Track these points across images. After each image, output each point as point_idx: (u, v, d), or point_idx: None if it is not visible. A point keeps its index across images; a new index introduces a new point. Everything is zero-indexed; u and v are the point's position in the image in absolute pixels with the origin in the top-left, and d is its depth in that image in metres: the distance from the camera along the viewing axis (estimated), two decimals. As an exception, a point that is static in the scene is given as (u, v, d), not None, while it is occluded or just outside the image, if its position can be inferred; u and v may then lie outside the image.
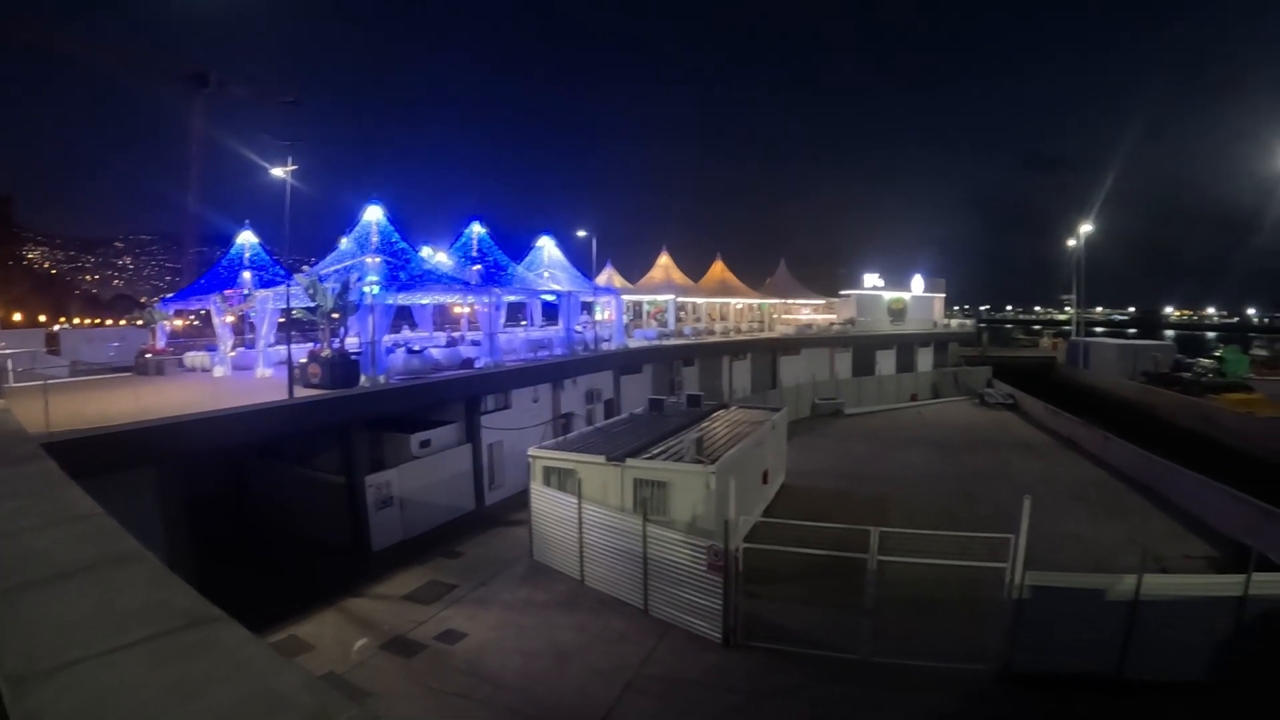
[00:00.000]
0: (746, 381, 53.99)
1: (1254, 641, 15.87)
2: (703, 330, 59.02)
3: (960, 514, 28.09)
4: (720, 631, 17.64)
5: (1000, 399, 63.46)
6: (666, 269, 60.85)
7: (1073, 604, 16.12)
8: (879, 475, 35.76)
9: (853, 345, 65.45)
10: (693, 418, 30.36)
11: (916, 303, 76.61)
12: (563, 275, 40.61)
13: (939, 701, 15.30)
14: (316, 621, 18.85)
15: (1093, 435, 43.80)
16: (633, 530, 19.73)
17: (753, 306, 69.17)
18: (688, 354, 48.79)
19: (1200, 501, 29.54)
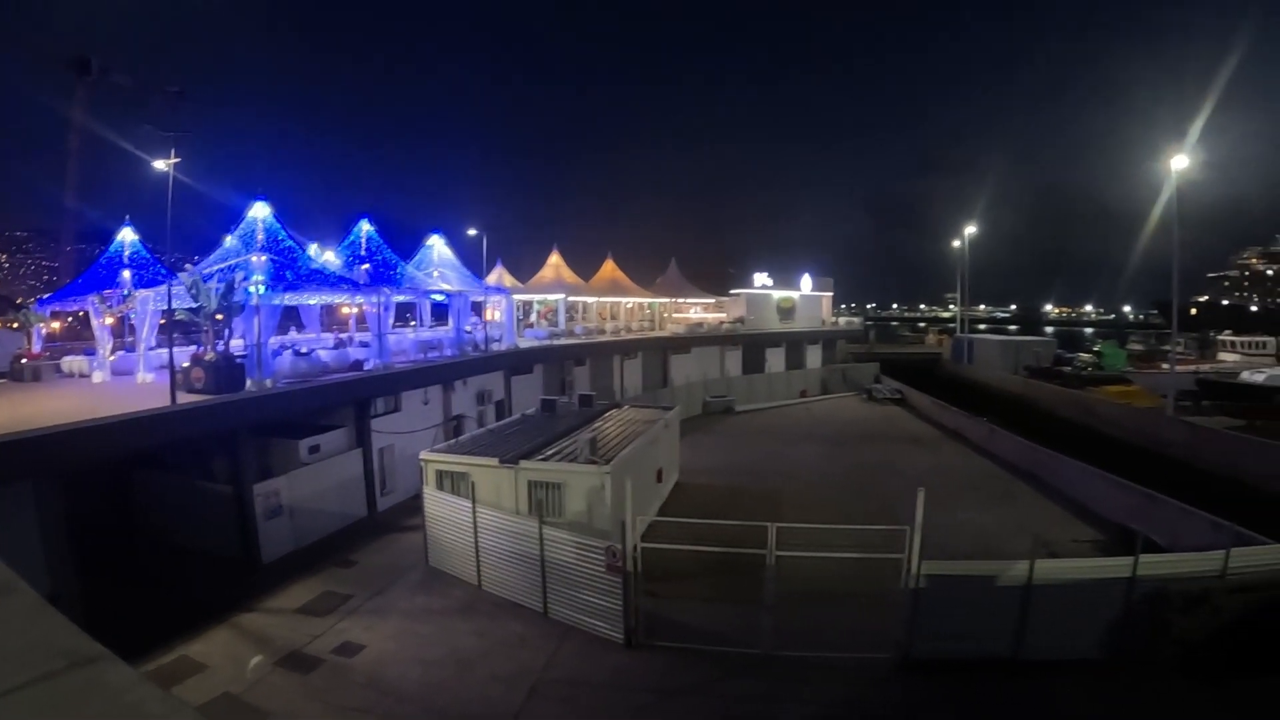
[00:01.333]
0: (638, 380, 54.53)
1: (1144, 620, 17.06)
2: (594, 330, 59.25)
3: (854, 507, 28.97)
4: (622, 632, 17.82)
5: (888, 394, 65.76)
6: (557, 268, 60.98)
7: (968, 591, 16.96)
8: (772, 471, 36.69)
9: (743, 343, 66.56)
10: (585, 418, 30.77)
11: (805, 301, 78.23)
12: (453, 275, 40.38)
13: (842, 691, 15.89)
14: (208, 640, 18.23)
15: (979, 427, 45.92)
16: (529, 533, 19.74)
17: (644, 305, 69.84)
18: (579, 354, 49.04)
19: (1084, 488, 31.41)
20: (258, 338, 25.36)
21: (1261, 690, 15.93)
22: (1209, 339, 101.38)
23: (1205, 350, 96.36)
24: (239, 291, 25.37)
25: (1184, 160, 45.27)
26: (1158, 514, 25.11)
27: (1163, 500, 25.56)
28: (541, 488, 22.57)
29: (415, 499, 25.32)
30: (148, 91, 39.85)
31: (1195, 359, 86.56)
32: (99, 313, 29.49)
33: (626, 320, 67.25)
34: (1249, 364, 75.69)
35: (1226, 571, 17.47)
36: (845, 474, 36.66)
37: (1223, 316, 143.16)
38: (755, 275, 75.81)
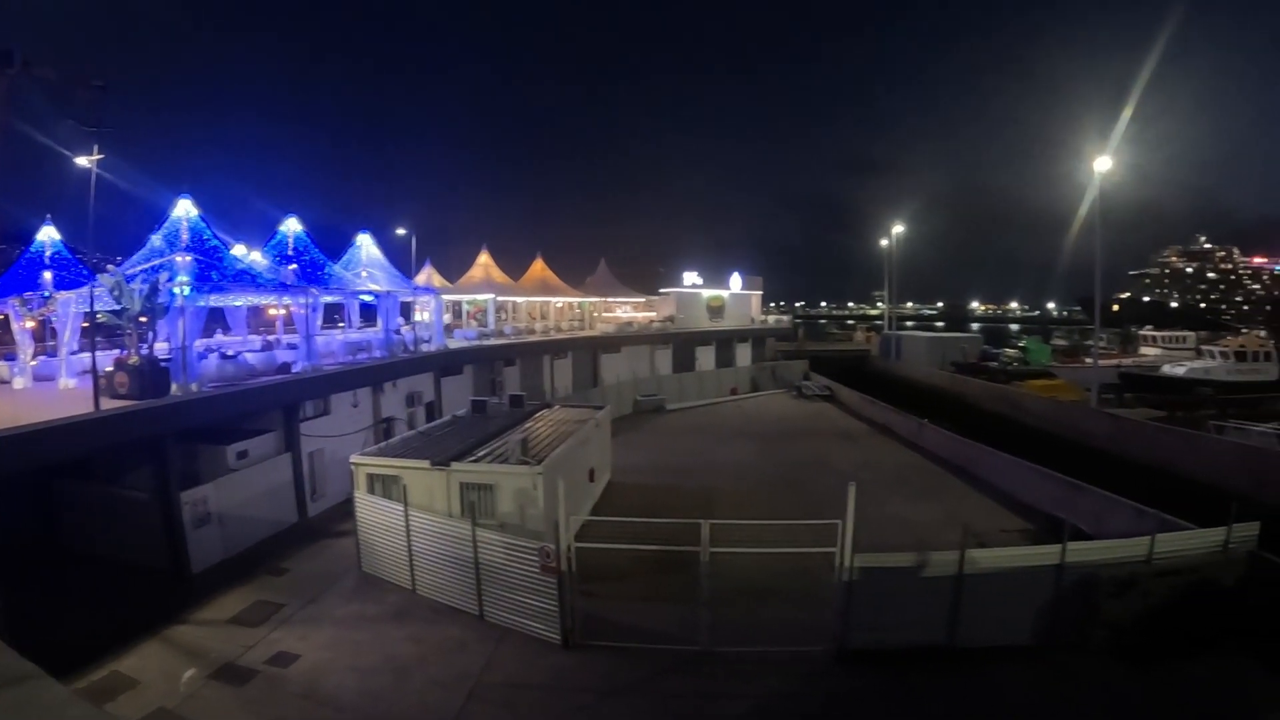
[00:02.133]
0: (568, 380, 54.71)
1: (1074, 605, 17.85)
2: (523, 330, 59.41)
3: (786, 503, 29.48)
4: (559, 633, 17.91)
5: (817, 391, 66.85)
6: (486, 268, 60.83)
7: (901, 581, 17.50)
8: (704, 468, 37.23)
9: (673, 342, 67.13)
10: (516, 418, 30.85)
11: (735, 300, 79.10)
12: (381, 275, 40.08)
13: (780, 684, 16.25)
14: (139, 654, 17.71)
15: (907, 422, 47.13)
16: (462, 535, 19.72)
17: (573, 305, 69.97)
18: (509, 354, 49.09)
19: (1012, 480, 32.49)
20: (183, 340, 25.00)
21: (1190, 670, 16.76)
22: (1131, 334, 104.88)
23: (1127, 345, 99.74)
24: (163, 293, 24.92)
25: (1107, 162, 46.98)
26: (1084, 503, 26.19)
27: (1088, 490, 26.64)
28: (473, 489, 22.53)
29: (346, 503, 25.08)
30: (72, 85, 38.34)
31: (1118, 353, 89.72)
32: (19, 316, 28.66)
33: (556, 320, 67.34)
34: (1169, 358, 78.90)
35: (1152, 556, 18.39)
36: (777, 470, 37.29)
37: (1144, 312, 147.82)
38: (685, 274, 76.43)
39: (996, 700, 15.89)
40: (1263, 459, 34.52)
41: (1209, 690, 16.12)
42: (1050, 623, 17.95)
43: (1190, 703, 15.73)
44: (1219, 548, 18.93)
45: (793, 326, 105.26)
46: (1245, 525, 19.17)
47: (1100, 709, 15.55)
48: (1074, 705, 15.72)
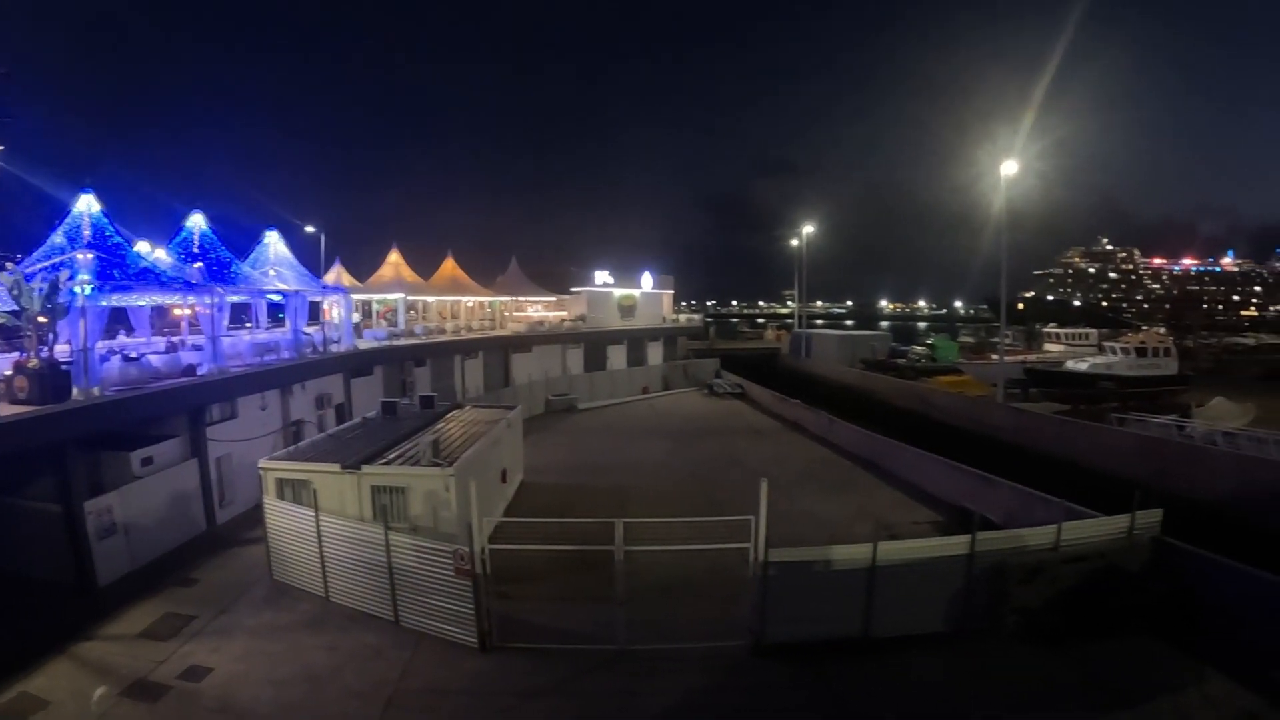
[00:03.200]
0: (479, 380, 54.68)
1: (985, 592, 18.57)
2: (434, 329, 58.89)
3: (699, 500, 30.04)
4: (476, 636, 17.85)
5: (729, 389, 68.02)
6: (396, 266, 60.28)
7: (815, 575, 17.89)
8: (617, 467, 37.65)
9: (584, 341, 67.62)
10: (427, 419, 30.81)
11: (646, 299, 79.91)
12: (290, 273, 39.33)
13: (698, 679, 16.50)
14: (48, 673, 17.04)
15: (818, 418, 48.30)
16: (374, 540, 19.44)
17: (484, 304, 69.67)
18: (419, 354, 48.79)
19: (922, 473, 33.49)
20: (84, 342, 24.26)
21: (1097, 651, 17.61)
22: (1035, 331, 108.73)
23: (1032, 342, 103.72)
24: (64, 292, 24.11)
25: (1013, 166, 48.52)
26: (992, 494, 27.06)
27: (996, 481, 27.60)
28: (385, 493, 22.31)
29: (255, 510, 24.78)
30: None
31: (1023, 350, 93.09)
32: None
33: (467, 319, 67.03)
34: (1073, 354, 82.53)
35: (1060, 544, 19.24)
36: (689, 468, 37.87)
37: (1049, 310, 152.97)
38: (596, 273, 76.87)
39: (911, 685, 16.44)
40: (1163, 449, 36.31)
41: (1117, 668, 16.95)
42: (962, 610, 18.60)
43: (1099, 681, 16.50)
44: (1124, 534, 19.88)
45: (704, 325, 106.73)
46: (1148, 512, 20.15)
47: (1012, 690, 16.22)
48: (986, 687, 16.37)
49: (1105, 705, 15.59)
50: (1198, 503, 29.78)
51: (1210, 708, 15.36)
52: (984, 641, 18.15)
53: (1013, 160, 48.67)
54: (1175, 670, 16.87)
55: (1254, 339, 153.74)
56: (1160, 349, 72.68)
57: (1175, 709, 15.34)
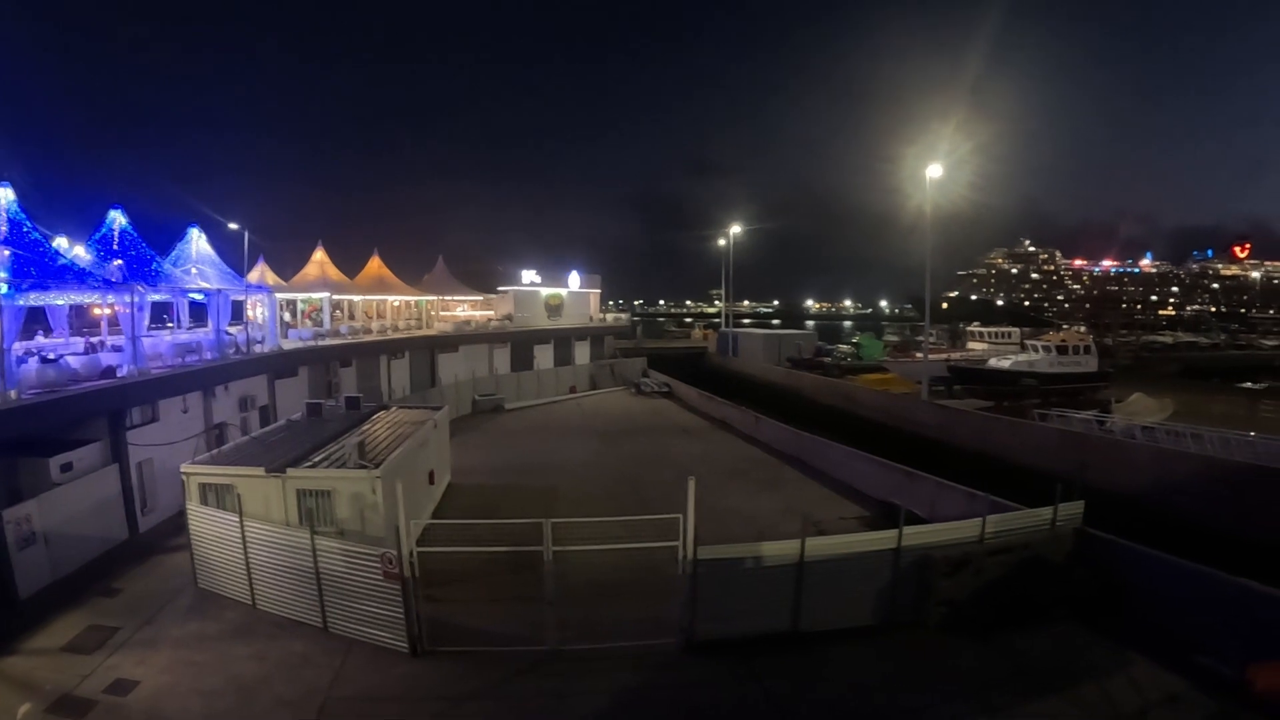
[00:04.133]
0: (405, 381, 54.37)
1: (912, 585, 19.08)
2: (360, 329, 58.40)
3: (628, 498, 30.40)
4: (406, 641, 17.72)
5: (656, 388, 68.51)
6: (322, 265, 59.51)
7: (745, 572, 18.16)
8: (545, 467, 37.72)
9: (511, 341, 67.62)
10: (353, 421, 30.47)
11: (573, 298, 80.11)
12: (212, 272, 38.54)
13: (630, 678, 16.61)
14: None
15: (745, 416, 49.05)
16: (301, 545, 19.11)
17: (410, 304, 69.14)
18: (345, 354, 48.40)
19: (848, 470, 34.11)
20: (0, 343, 23.79)
21: (1023, 640, 18.24)
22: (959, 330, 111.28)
23: (956, 340, 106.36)
24: (-23, 292, 23.60)
25: (938, 168, 49.78)
26: (917, 489, 27.80)
27: (921, 476, 28.38)
28: (311, 496, 21.97)
29: (179, 516, 24.22)
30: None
31: (947, 348, 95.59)
32: None
33: (393, 319, 66.41)
34: (996, 351, 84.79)
35: (984, 537, 19.77)
36: (617, 467, 38.21)
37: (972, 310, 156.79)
38: (523, 272, 76.85)
39: (842, 679, 16.80)
40: (1084, 443, 37.62)
41: (1043, 656, 17.59)
42: (890, 603, 19.06)
43: (1026, 668, 17.12)
44: (1047, 526, 20.61)
45: (631, 324, 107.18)
46: (1070, 504, 20.92)
47: (941, 680, 16.68)
48: (916, 678, 16.82)
49: (1033, 692, 16.11)
50: (1118, 494, 30.92)
51: (1135, 691, 15.94)
52: (912, 634, 18.65)
53: (937, 163, 49.97)
54: (1100, 656, 17.51)
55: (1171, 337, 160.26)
56: (1081, 347, 74.99)
57: (1101, 693, 15.89)
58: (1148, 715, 15.16)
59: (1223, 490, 29.83)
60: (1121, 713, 15.25)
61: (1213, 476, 30.78)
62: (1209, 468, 31.66)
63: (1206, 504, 29.95)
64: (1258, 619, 16.04)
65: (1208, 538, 25.96)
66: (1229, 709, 14.98)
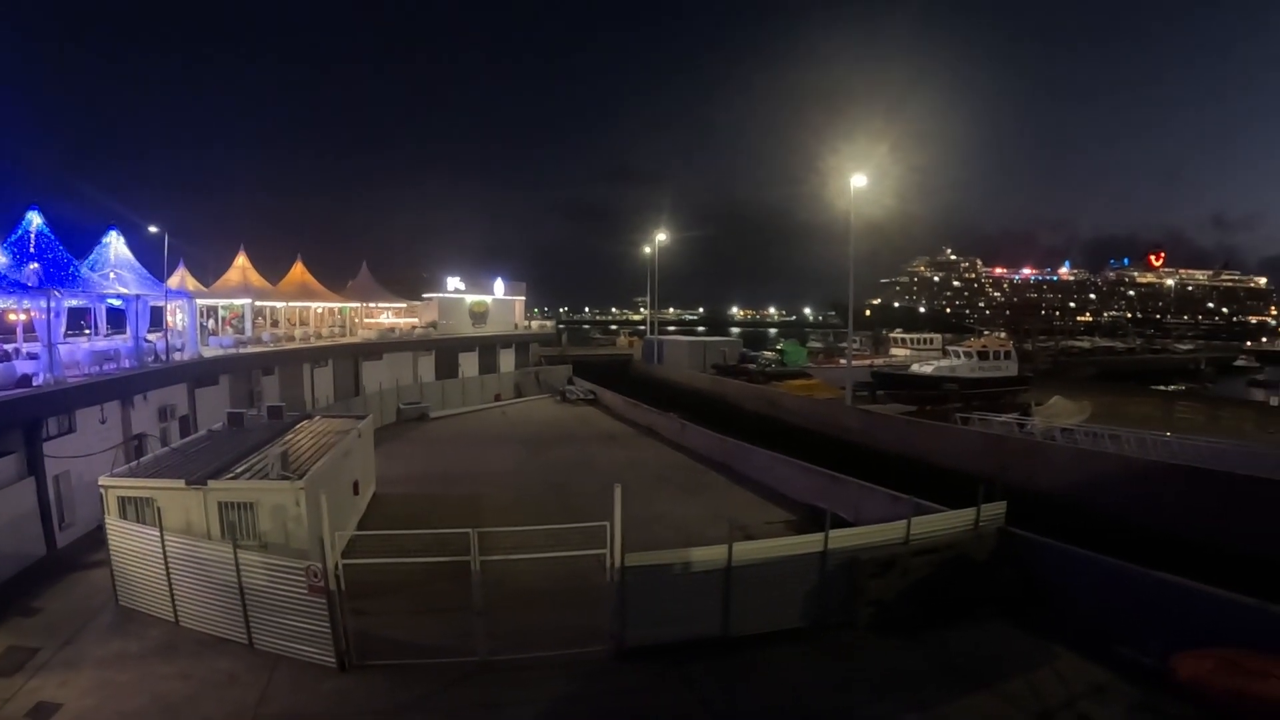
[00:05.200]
0: (329, 389, 53.88)
1: (840, 587, 19.37)
2: (282, 336, 57.52)
3: (554, 506, 30.26)
4: (334, 656, 17.33)
5: (581, 395, 68.73)
6: (244, 270, 58.19)
7: (673, 577, 18.23)
8: (470, 476, 37.68)
9: (436, 348, 67.20)
10: (275, 430, 30.07)
11: (498, 305, 79.83)
12: (131, 277, 37.48)
13: (562, 687, 16.58)
14: None
15: (670, 423, 49.45)
16: (223, 559, 18.59)
17: (334, 310, 68.43)
18: (267, 362, 47.65)
19: (774, 475, 34.50)
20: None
21: (951, 637, 18.69)
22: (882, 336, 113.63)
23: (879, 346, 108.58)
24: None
25: (862, 178, 50.87)
26: (842, 492, 28.14)
27: (845, 480, 28.87)
28: (233, 509, 21.48)
29: (99, 530, 23.25)
30: None
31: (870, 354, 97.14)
32: None
33: (316, 326, 65.68)
34: (918, 357, 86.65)
35: (910, 538, 20.19)
36: (543, 474, 38.29)
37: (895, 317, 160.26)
38: (448, 279, 76.45)
39: (773, 681, 17.01)
40: (1005, 445, 38.93)
41: (971, 652, 18.04)
42: (819, 605, 19.29)
43: (955, 665, 17.55)
44: (970, 526, 21.15)
45: (556, 332, 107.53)
46: (993, 505, 21.49)
47: (871, 679, 17.00)
48: (846, 678, 17.11)
49: (962, 687, 16.52)
50: (1039, 494, 31.95)
51: (1061, 683, 16.45)
52: (841, 635, 18.93)
53: (861, 173, 51.08)
54: (1026, 650, 18.01)
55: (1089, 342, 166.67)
56: (1001, 352, 77.07)
57: (1029, 686, 16.35)
58: (1074, 706, 15.64)
59: (1140, 488, 31.05)
60: (1049, 704, 15.72)
61: (1130, 475, 32.05)
62: (1126, 467, 32.96)
63: (1124, 502, 31.11)
64: (1176, 611, 16.75)
65: (1126, 534, 26.97)
66: (1152, 697, 15.53)
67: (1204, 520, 28.18)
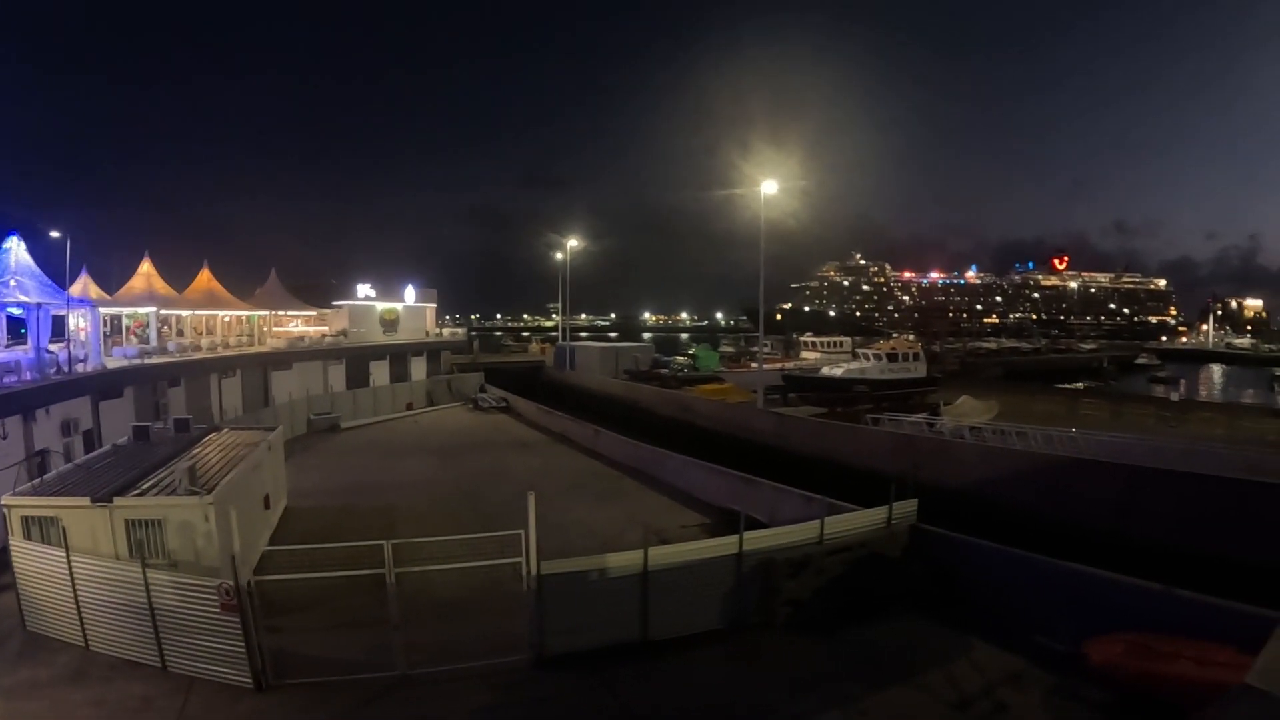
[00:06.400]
0: (238, 400, 52.82)
1: (756, 588, 19.67)
2: (188, 346, 56.30)
3: (469, 515, 30.10)
4: (250, 675, 16.88)
5: (494, 403, 68.34)
6: (149, 278, 56.86)
7: (590, 584, 18.33)
8: (383, 486, 37.22)
9: (346, 357, 66.58)
10: (183, 444, 29.19)
11: (409, 313, 79.43)
12: (32, 284, 36.23)
13: (482, 698, 16.44)
14: None
15: (584, 430, 49.54)
16: (132, 579, 17.91)
17: (242, 319, 67.10)
18: (173, 373, 46.52)
19: (688, 479, 34.68)
20: None
21: (869, 634, 19.08)
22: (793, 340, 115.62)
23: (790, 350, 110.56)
24: None
25: (773, 185, 51.75)
26: (756, 495, 28.31)
27: (759, 482, 29.03)
28: (141, 526, 20.64)
29: (3, 553, 22.10)
30: None
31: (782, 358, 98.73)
32: None
33: (224, 335, 64.34)
34: (828, 360, 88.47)
35: (824, 537, 20.53)
36: (457, 484, 38.09)
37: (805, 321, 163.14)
38: (358, 286, 75.80)
39: (693, 683, 17.17)
40: (915, 445, 39.79)
41: (889, 648, 18.42)
42: (736, 607, 19.55)
43: (873, 660, 17.89)
44: (883, 524, 21.57)
45: (468, 339, 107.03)
46: (904, 503, 22.04)
47: (790, 677, 17.25)
48: (766, 677, 17.38)
49: (880, 682, 16.81)
50: (950, 491, 32.32)
51: (978, 673, 16.94)
52: (760, 635, 19.18)
53: (772, 180, 52.00)
54: (943, 643, 18.46)
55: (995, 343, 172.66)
56: (910, 354, 79.16)
57: (946, 678, 16.79)
58: (992, 694, 16.13)
59: (1047, 483, 32.02)
60: (967, 694, 16.20)
61: (1037, 470, 33.04)
62: (1033, 462, 33.99)
63: (1033, 496, 31.96)
64: (1086, 598, 17.44)
65: (1035, 527, 27.48)
66: (1067, 682, 16.11)
67: (1110, 512, 29.16)
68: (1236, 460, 33.47)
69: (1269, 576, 19.70)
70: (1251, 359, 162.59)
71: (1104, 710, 15.29)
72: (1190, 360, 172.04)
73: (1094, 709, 15.40)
